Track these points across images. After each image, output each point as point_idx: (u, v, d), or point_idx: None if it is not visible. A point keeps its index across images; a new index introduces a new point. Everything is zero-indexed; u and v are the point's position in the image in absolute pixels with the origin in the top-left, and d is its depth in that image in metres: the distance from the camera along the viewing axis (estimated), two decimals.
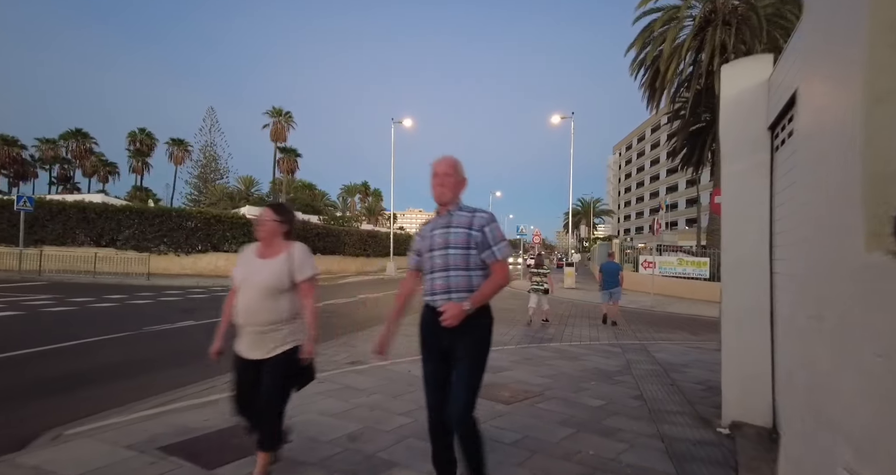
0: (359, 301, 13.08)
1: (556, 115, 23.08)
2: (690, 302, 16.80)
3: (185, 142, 51.06)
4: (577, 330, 9.25)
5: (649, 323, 11.19)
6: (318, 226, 24.37)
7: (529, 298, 9.53)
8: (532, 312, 9.36)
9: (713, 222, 21.86)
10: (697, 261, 18.27)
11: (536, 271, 9.74)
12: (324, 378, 4.45)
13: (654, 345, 7.73)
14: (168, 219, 18.92)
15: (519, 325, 9.30)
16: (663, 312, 13.79)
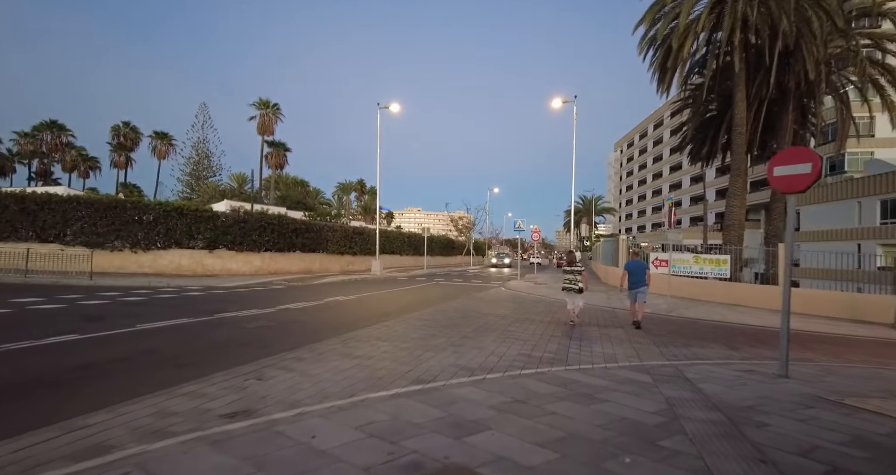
0: (325, 305, 11.04)
1: (557, 99, 21.05)
2: (710, 305, 14.78)
3: (168, 135, 48.98)
4: (587, 343, 7.22)
5: (672, 332, 9.15)
6: (295, 220, 22.30)
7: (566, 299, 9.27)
8: (571, 312, 9.06)
9: (730, 216, 19.83)
10: (717, 260, 16.22)
11: (569, 269, 9.17)
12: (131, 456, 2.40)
13: (692, 368, 5.69)
14: (122, 211, 16.85)
15: (509, 342, 7.25)
16: (683, 318, 11.74)
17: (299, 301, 11.47)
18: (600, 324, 9.74)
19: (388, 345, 6.22)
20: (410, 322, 8.44)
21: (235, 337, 6.85)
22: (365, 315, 9.37)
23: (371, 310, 10.43)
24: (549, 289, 18.59)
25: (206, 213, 18.56)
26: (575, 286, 9.04)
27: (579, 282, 9.06)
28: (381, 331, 7.34)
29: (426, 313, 9.85)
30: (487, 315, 10.00)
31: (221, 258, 19.42)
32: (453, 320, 8.88)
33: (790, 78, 18.69)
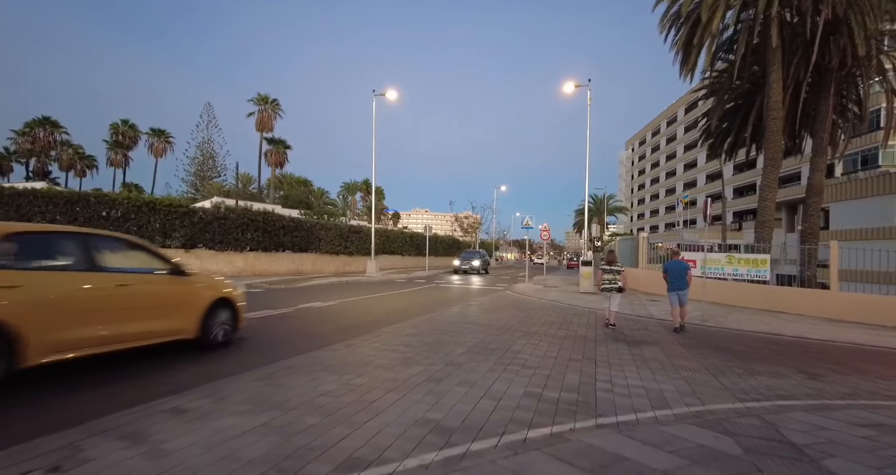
0: (289, 315, 9.21)
1: (569, 83, 19.07)
2: (747, 312, 12.73)
3: (166, 132, 47.71)
4: (618, 370, 5.28)
5: (720, 348, 7.18)
6: (283, 217, 20.55)
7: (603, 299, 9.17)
8: (609, 314, 8.84)
9: (763, 211, 17.69)
10: (754, 260, 14.16)
11: (609, 269, 8.97)
12: None
13: (786, 419, 3.75)
14: (85, 206, 15.19)
15: (512, 372, 5.34)
16: (725, 329, 9.73)
17: (265, 308, 9.66)
18: (629, 338, 7.79)
19: (334, 380, 4.34)
20: (385, 339, 6.56)
21: (112, 370, 5.02)
22: (330, 329, 7.52)
23: (344, 320, 8.57)
24: (560, 292, 16.61)
25: (182, 208, 16.86)
26: (615, 285, 8.86)
27: (619, 281, 8.90)
28: (339, 354, 5.46)
29: (410, 325, 7.98)
30: (488, 327, 8.09)
31: (199, 258, 17.72)
32: (443, 336, 6.99)
33: (833, 56, 16.54)
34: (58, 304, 4.10)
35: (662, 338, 8.00)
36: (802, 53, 17.58)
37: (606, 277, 8.92)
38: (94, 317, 4.40)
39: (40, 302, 3.95)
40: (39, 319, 3.90)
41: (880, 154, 34.13)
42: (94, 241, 4.82)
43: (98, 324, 4.42)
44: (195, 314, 5.51)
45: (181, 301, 5.44)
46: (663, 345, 7.36)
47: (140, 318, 4.88)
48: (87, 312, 4.34)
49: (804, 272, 17.00)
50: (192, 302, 5.54)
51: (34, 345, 3.83)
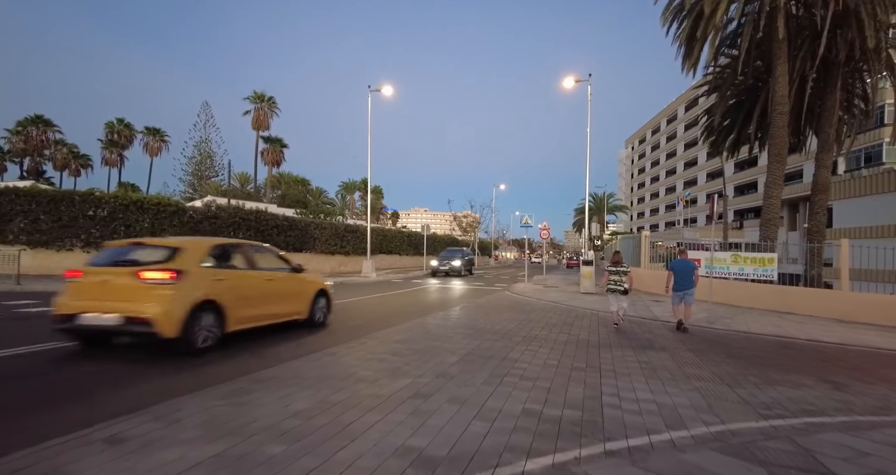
0: None
1: (569, 78, 18.59)
2: (754, 313, 12.29)
3: (161, 131, 47.17)
4: (626, 381, 4.82)
5: (733, 355, 6.72)
6: (276, 216, 20.06)
7: (609, 301, 8.93)
8: (615, 315, 8.80)
9: (769, 209, 17.23)
10: (761, 259, 13.70)
11: (615, 270, 8.86)
12: None
13: (819, 441, 3.29)
14: (70, 205, 14.71)
15: (510, 384, 4.89)
16: (734, 332, 9.28)
17: None
18: (634, 343, 7.32)
19: (308, 396, 3.86)
20: (372, 346, 6.09)
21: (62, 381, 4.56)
22: (314, 335, 7.06)
23: (330, 325, 8.11)
24: (560, 293, 16.16)
25: (171, 207, 16.38)
26: (620, 287, 8.74)
27: (624, 282, 8.78)
28: (319, 364, 4.99)
29: (402, 330, 7.51)
30: (484, 332, 7.62)
31: None
32: (435, 342, 6.52)
33: (840, 49, 16.07)
34: (241, 292, 6.10)
35: (670, 343, 7.55)
36: (808, 47, 17.13)
37: (612, 279, 8.82)
38: (257, 301, 6.40)
39: (233, 290, 5.93)
40: (233, 301, 5.85)
41: (884, 151, 33.69)
42: (254, 249, 7.03)
43: (259, 306, 6.42)
44: (307, 301, 7.56)
45: (299, 291, 7.45)
46: (671, 350, 6.90)
47: (278, 303, 6.87)
48: (254, 297, 6.36)
49: (809, 271, 16.57)
50: (305, 292, 7.57)
51: (231, 318, 5.79)
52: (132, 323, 5.01)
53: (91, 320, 5.07)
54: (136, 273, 5.21)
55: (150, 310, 5.00)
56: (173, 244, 5.74)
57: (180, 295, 5.21)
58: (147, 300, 5.07)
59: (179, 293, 5.22)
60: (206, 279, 5.64)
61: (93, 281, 5.34)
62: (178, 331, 5.10)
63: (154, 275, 5.20)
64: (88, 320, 5.08)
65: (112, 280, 5.31)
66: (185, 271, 5.34)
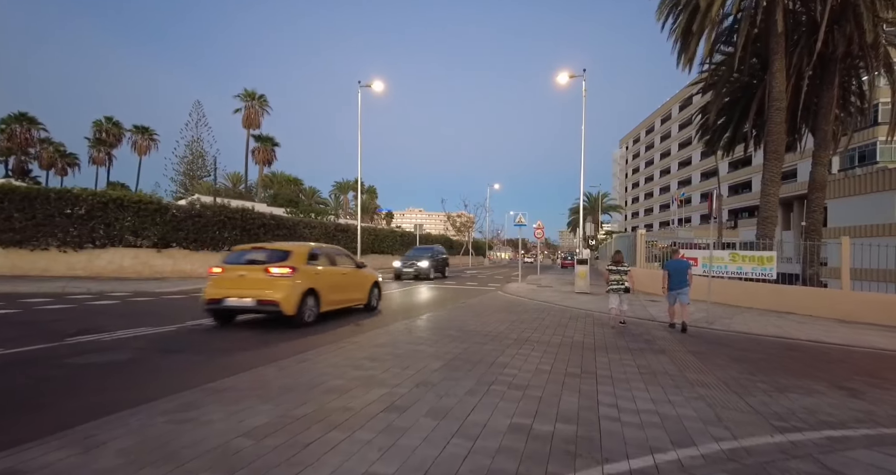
0: (251, 320, 8.28)
1: (563, 74, 18.21)
2: (753, 312, 11.95)
3: (149, 129, 46.36)
4: (624, 388, 4.39)
5: (737, 359, 6.33)
6: (263, 215, 19.51)
7: (609, 299, 8.92)
8: (615, 314, 8.83)
9: (766, 207, 16.91)
10: (759, 257, 13.34)
11: (616, 269, 8.88)
12: None
13: (852, 463, 2.88)
14: (45, 202, 14.13)
15: (497, 393, 4.45)
16: (735, 333, 8.90)
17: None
18: (632, 345, 6.91)
19: (267, 411, 3.40)
20: (350, 350, 5.64)
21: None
22: (288, 338, 6.60)
23: (307, 328, 7.64)
24: (554, 292, 15.76)
25: (153, 205, 15.82)
26: (622, 286, 8.77)
27: (626, 281, 8.82)
28: (286, 373, 4.52)
29: (384, 333, 7.06)
30: (473, 334, 7.19)
31: (173, 258, 16.70)
32: (420, 346, 6.08)
33: (838, 43, 15.81)
34: (329, 283, 8.04)
35: (669, 346, 7.15)
36: (805, 42, 16.87)
37: (613, 278, 8.81)
38: (338, 290, 8.44)
39: (325, 281, 7.86)
40: (325, 290, 7.78)
41: (878, 150, 33.64)
42: (333, 250, 9.35)
43: (339, 293, 8.50)
44: (366, 290, 9.70)
45: (362, 283, 9.57)
46: (672, 353, 6.50)
47: (350, 292, 9.02)
48: (336, 287, 8.36)
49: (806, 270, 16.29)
50: (365, 283, 9.69)
51: (324, 302, 7.75)
52: (263, 304, 7.11)
53: (233, 302, 7.15)
54: (266, 269, 7.29)
55: (276, 295, 7.09)
56: (286, 248, 7.92)
57: (295, 284, 7.32)
58: (274, 288, 7.14)
59: (295, 283, 7.30)
60: (310, 273, 7.72)
61: (232, 275, 7.34)
62: (295, 310, 7.22)
63: (278, 270, 7.24)
64: (231, 302, 7.16)
65: (247, 274, 7.34)
66: (297, 268, 7.42)
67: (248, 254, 7.90)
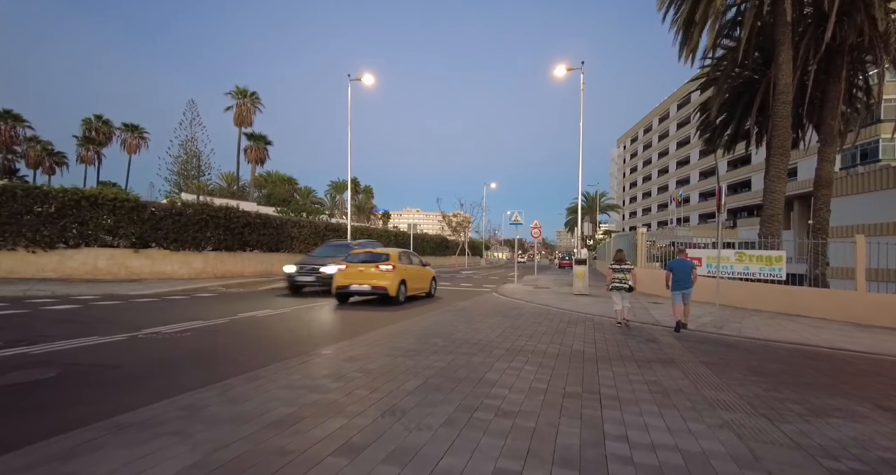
0: (220, 327, 7.52)
1: (561, 66, 17.50)
2: (763, 315, 11.23)
3: (139, 127, 45.42)
4: (633, 412, 3.66)
5: (755, 370, 5.62)
6: (248, 213, 18.71)
7: (612, 298, 9.02)
8: (619, 313, 8.86)
9: (771, 205, 16.22)
10: (768, 257, 12.67)
11: (619, 268, 8.94)
12: None
13: None
14: (11, 199, 13.31)
15: (482, 422, 3.70)
16: (747, 339, 8.18)
17: (196, 319, 7.93)
18: (638, 354, 6.19)
19: (183, 454, 2.64)
20: (312, 366, 4.89)
21: None
22: (250, 350, 5.85)
23: (277, 337, 6.90)
24: (552, 294, 15.05)
25: (129, 203, 14.99)
26: (625, 284, 8.79)
27: (629, 280, 8.80)
28: (228, 397, 3.74)
29: (360, 343, 6.31)
30: (461, 343, 6.45)
31: (151, 259, 15.90)
32: (397, 359, 5.34)
33: (848, 33, 15.18)
34: (411, 276, 11.80)
35: (678, 354, 6.43)
36: (812, 33, 16.24)
37: (617, 276, 8.87)
38: (415, 281, 12.14)
39: (409, 275, 11.65)
40: (409, 280, 11.67)
41: (881, 147, 33.08)
42: (411, 254, 13.41)
43: (416, 283, 12.20)
44: (428, 283, 13.29)
45: (426, 277, 13.13)
46: (682, 364, 5.79)
47: (420, 283, 12.58)
48: (414, 279, 12.03)
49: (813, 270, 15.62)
50: (427, 277, 13.23)
51: (409, 289, 11.65)
52: (376, 289, 10.85)
53: (356, 288, 10.93)
54: (376, 266, 11.00)
55: (384, 283, 10.82)
56: (386, 252, 11.86)
57: (395, 276, 10.99)
58: (382, 279, 10.82)
59: (394, 275, 10.98)
60: (401, 270, 11.41)
61: (353, 270, 11.07)
62: (395, 293, 10.98)
63: (385, 267, 10.95)
64: (354, 288, 10.95)
65: (364, 269, 10.98)
66: (395, 266, 11.12)
67: (361, 256, 11.72)
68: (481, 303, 11.99)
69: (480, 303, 11.96)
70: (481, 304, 11.80)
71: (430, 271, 13.72)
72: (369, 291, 10.96)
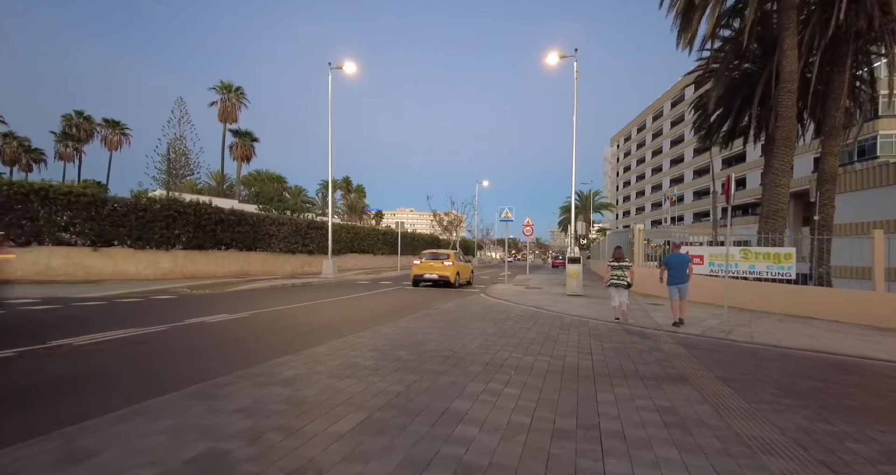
0: (154, 336, 6.41)
1: (553, 54, 16.49)
2: (772, 318, 10.29)
3: (120, 123, 43.89)
4: (647, 462, 2.65)
5: (782, 386, 4.64)
6: (221, 210, 17.49)
7: (611, 295, 9.10)
8: (616, 309, 8.98)
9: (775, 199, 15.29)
10: (776, 254, 11.74)
11: (617, 265, 8.97)
12: None
13: None
14: None
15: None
16: (763, 347, 7.21)
17: (130, 327, 6.81)
18: (643, 368, 5.18)
19: None
20: (234, 392, 3.81)
21: None
22: (179, 369, 4.78)
23: (216, 348, 5.82)
24: (543, 295, 14.05)
25: (85, 197, 13.78)
26: (623, 282, 8.92)
27: (627, 277, 8.92)
28: (87, 444, 2.70)
29: (306, 359, 5.24)
30: (430, 356, 5.40)
31: (113, 258, 14.69)
32: (343, 381, 4.27)
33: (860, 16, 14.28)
34: (461, 269, 17.66)
35: (689, 367, 5.43)
36: (818, 19, 15.35)
37: (615, 274, 8.97)
38: (462, 273, 17.93)
39: (460, 268, 17.43)
40: (460, 272, 17.50)
41: (878, 144, 32.46)
42: (460, 253, 20.87)
43: (463, 275, 18.15)
44: (469, 274, 19.09)
45: (468, 269, 18.94)
46: (697, 382, 4.79)
47: (465, 275, 18.41)
48: (462, 271, 17.76)
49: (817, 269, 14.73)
50: (468, 270, 19.09)
51: (461, 279, 17.62)
52: (441, 278, 16.30)
53: (427, 276, 16.32)
54: (441, 262, 16.59)
55: (446, 274, 16.29)
56: (447, 252, 17.49)
57: (453, 269, 16.43)
58: (445, 271, 16.29)
59: (452, 268, 16.42)
60: (456, 264, 16.70)
61: (425, 264, 16.46)
62: (454, 281, 16.51)
63: (447, 263, 16.47)
64: (427, 276, 16.32)
65: (433, 264, 16.46)
66: (453, 262, 16.63)
67: (430, 255, 17.14)
68: (465, 306, 10.95)
69: (464, 306, 10.91)
70: (465, 307, 10.75)
71: (470, 266, 19.95)
72: (436, 279, 16.39)
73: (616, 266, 9.02)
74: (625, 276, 8.91)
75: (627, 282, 8.90)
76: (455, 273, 16.49)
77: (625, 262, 9.03)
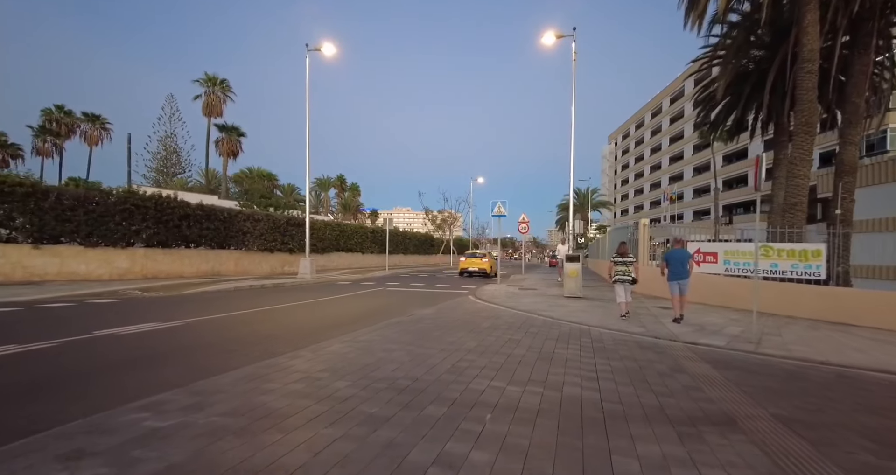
0: (65, 346, 4.95)
1: (549, 34, 15.04)
2: (805, 324, 8.87)
3: (101, 118, 42.23)
4: None
5: (871, 435, 3.19)
6: (187, 204, 15.92)
7: (615, 291, 8.96)
8: (622, 306, 8.75)
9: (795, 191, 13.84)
10: (802, 251, 10.34)
11: (621, 260, 8.89)
12: None
13: None
14: None
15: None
16: (809, 365, 5.78)
17: (8, 343, 5.34)
18: (667, 402, 3.71)
19: None
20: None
21: None
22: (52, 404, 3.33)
23: (93, 377, 4.37)
24: (538, 297, 12.60)
25: (21, 188, 12.24)
26: (628, 277, 8.77)
27: (631, 272, 8.77)
28: None
29: (220, 387, 3.79)
30: (380, 389, 3.95)
31: (59, 256, 13.18)
32: (226, 437, 2.82)
33: None
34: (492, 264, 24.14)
35: (732, 401, 4.00)
36: None
37: (619, 269, 8.88)
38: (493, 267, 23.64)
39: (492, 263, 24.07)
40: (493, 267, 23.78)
41: (889, 138, 31.18)
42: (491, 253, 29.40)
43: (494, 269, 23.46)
44: (493, 267, 23.86)
45: (491, 264, 24.16)
46: (749, 425, 3.36)
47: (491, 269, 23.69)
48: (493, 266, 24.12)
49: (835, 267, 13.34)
50: (492, 264, 24.08)
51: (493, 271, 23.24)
52: (480, 270, 23.09)
53: (470, 270, 23.25)
54: (480, 259, 23.69)
55: (484, 267, 23.19)
56: (484, 251, 27.85)
57: (489, 263, 23.65)
58: (484, 265, 23.26)
59: (488, 263, 23.62)
60: (490, 260, 24.34)
61: (468, 260, 23.65)
62: (491, 273, 23.29)
63: (485, 259, 23.79)
64: (469, 270, 23.26)
65: (473, 260, 23.63)
66: (488, 258, 24.36)
67: (470, 254, 24.79)
68: (448, 311, 9.48)
69: (445, 312, 9.44)
70: (448, 312, 9.29)
71: (493, 260, 24.31)
72: (476, 271, 22.71)
73: (620, 261, 8.93)
74: (629, 272, 8.84)
75: (632, 278, 8.82)
76: (490, 266, 23.35)
77: (629, 258, 8.96)
